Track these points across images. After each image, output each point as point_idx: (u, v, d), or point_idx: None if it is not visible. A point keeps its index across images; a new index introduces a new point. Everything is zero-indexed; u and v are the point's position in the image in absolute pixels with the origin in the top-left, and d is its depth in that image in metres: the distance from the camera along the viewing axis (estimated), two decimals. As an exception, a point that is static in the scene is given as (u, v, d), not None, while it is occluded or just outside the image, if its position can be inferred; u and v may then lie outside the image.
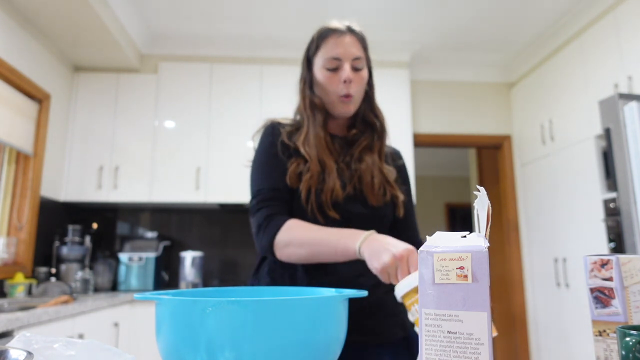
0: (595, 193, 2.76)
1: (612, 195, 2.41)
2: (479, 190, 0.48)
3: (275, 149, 1.10)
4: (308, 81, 1.14)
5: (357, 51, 1.08)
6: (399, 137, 3.40)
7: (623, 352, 0.46)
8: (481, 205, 0.47)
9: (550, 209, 3.31)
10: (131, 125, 3.29)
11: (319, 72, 1.10)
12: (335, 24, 1.11)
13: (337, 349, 0.56)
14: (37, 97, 2.88)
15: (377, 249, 0.82)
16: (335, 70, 1.07)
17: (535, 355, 3.51)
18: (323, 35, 1.09)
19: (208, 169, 3.25)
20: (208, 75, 3.39)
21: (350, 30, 1.10)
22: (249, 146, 3.31)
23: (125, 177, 3.21)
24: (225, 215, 3.55)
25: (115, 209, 3.49)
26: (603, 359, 0.59)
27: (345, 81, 1.06)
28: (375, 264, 0.81)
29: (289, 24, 3.33)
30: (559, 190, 3.19)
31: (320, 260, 0.96)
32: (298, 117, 1.19)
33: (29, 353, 0.40)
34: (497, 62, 3.90)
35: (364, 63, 1.10)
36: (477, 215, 0.47)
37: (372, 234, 0.87)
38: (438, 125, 3.79)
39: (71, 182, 3.19)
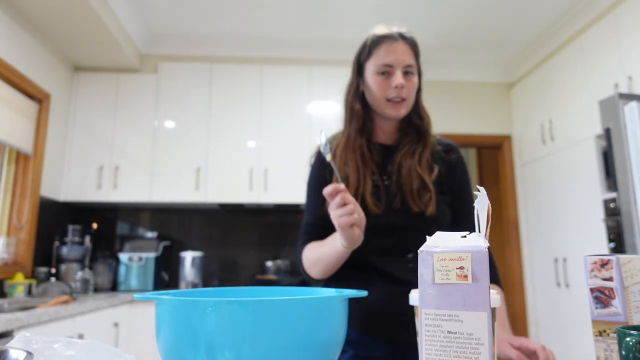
0: (595, 193, 2.76)
1: (612, 195, 2.41)
2: (479, 190, 0.48)
3: (315, 180, 1.16)
4: (355, 86, 1.16)
5: (409, 59, 1.10)
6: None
7: (623, 352, 0.46)
8: (481, 205, 0.47)
9: (550, 209, 3.30)
10: (131, 125, 3.29)
11: (370, 77, 1.12)
12: (387, 29, 1.11)
13: (337, 349, 0.56)
14: (37, 97, 2.88)
15: (336, 223, 0.90)
16: (387, 76, 1.09)
17: (535, 355, 3.50)
18: (376, 42, 1.11)
19: (208, 169, 3.25)
20: (208, 75, 3.39)
21: (402, 37, 1.10)
22: (249, 146, 3.32)
23: (125, 177, 3.21)
24: (225, 215, 3.55)
25: (115, 209, 3.49)
26: (603, 359, 0.59)
27: (396, 87, 1.07)
28: (344, 227, 0.89)
29: (289, 24, 3.33)
30: (559, 190, 3.19)
31: (333, 268, 1.06)
32: (344, 121, 1.19)
33: (29, 353, 0.40)
34: (497, 62, 3.90)
35: (415, 69, 1.11)
36: (477, 215, 0.47)
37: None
38: (438, 125, 3.77)
39: (71, 182, 3.19)
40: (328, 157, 0.98)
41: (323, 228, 1.10)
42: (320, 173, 1.15)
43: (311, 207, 1.15)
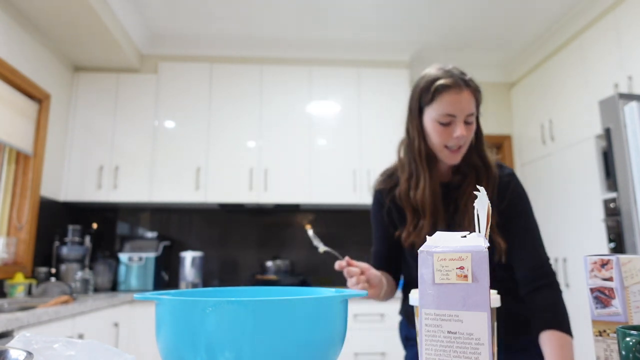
0: (595, 193, 2.76)
1: (612, 195, 2.41)
2: (479, 190, 0.48)
3: (374, 218, 1.27)
4: (418, 129, 1.14)
5: (471, 108, 1.09)
6: (399, 137, 3.40)
7: (623, 352, 0.46)
8: (481, 205, 0.47)
9: (550, 209, 3.30)
10: (131, 125, 3.29)
11: (430, 123, 1.10)
12: (450, 77, 1.08)
13: (337, 349, 0.56)
14: (37, 97, 2.88)
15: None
16: (447, 125, 1.08)
17: (535, 355, 3.51)
18: (439, 89, 1.08)
19: (208, 169, 3.25)
20: (208, 75, 3.39)
21: (467, 85, 1.09)
22: (249, 146, 3.32)
23: (125, 177, 3.21)
24: (225, 215, 3.55)
25: (115, 209, 3.49)
26: (603, 359, 0.59)
27: (457, 137, 1.07)
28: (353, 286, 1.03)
29: (289, 24, 3.33)
30: (559, 190, 3.19)
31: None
32: (410, 168, 1.17)
33: (29, 353, 0.40)
34: (497, 62, 3.90)
35: (474, 117, 1.11)
36: (477, 215, 0.47)
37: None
38: (438, 125, 3.78)
39: (71, 182, 3.19)
40: (321, 249, 1.10)
41: (389, 258, 1.24)
42: (377, 213, 1.26)
43: (377, 238, 1.27)
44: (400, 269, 1.26)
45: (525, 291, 1.09)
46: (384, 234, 1.24)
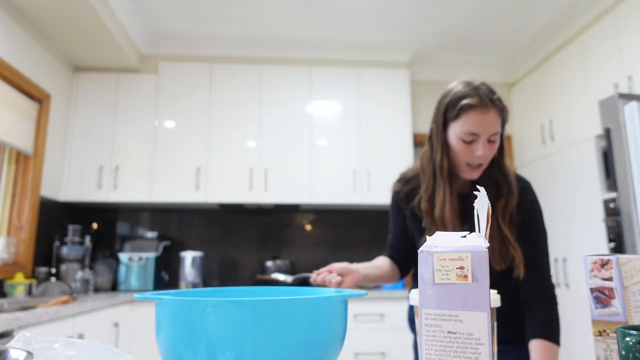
0: (595, 193, 2.75)
1: (612, 195, 2.41)
2: (479, 190, 0.48)
3: (393, 216, 1.32)
4: (442, 144, 1.14)
5: (496, 127, 1.08)
6: (399, 137, 3.40)
7: (623, 352, 0.46)
8: (481, 205, 0.47)
9: (550, 209, 3.30)
10: (131, 125, 3.29)
11: (453, 139, 1.11)
12: (476, 96, 1.07)
13: (337, 349, 0.56)
14: (37, 97, 2.88)
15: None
16: (470, 142, 1.09)
17: (535, 355, 3.50)
18: (465, 107, 1.07)
19: (208, 169, 3.25)
20: (208, 75, 3.39)
21: (493, 104, 1.08)
22: (249, 146, 3.32)
23: (125, 177, 3.21)
24: (225, 215, 3.55)
25: (115, 209, 3.49)
26: (603, 359, 0.59)
27: (478, 156, 1.09)
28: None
29: (289, 24, 3.33)
30: (559, 190, 3.19)
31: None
32: (430, 181, 1.19)
33: (29, 353, 0.40)
34: (497, 62, 3.90)
35: (498, 136, 1.11)
36: (477, 215, 0.47)
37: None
38: (438, 125, 3.78)
39: (71, 182, 3.19)
40: (289, 279, 1.18)
41: (399, 248, 1.31)
42: (395, 212, 1.31)
43: (391, 230, 1.34)
44: (412, 262, 1.32)
45: (525, 300, 1.16)
46: (399, 228, 1.30)
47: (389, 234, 1.35)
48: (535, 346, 1.07)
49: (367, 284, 1.18)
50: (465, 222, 1.16)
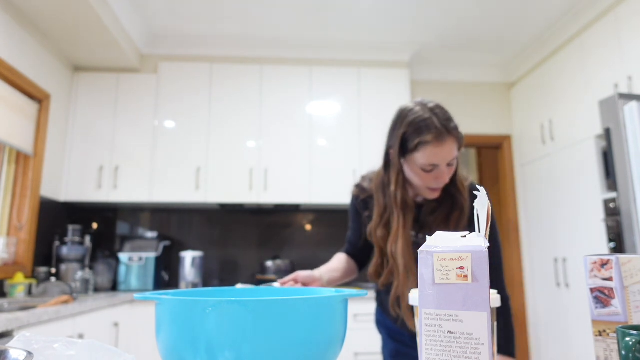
0: (595, 193, 2.76)
1: (612, 195, 2.41)
2: (479, 190, 0.48)
3: (352, 215, 1.40)
4: (398, 174, 1.18)
5: (453, 154, 1.12)
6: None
7: (623, 352, 0.46)
8: (481, 205, 0.47)
9: (551, 209, 3.30)
10: (131, 125, 3.29)
11: (414, 167, 1.14)
12: (434, 129, 1.09)
13: (337, 349, 0.56)
14: (37, 97, 2.88)
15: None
16: (430, 171, 1.12)
17: (535, 355, 3.51)
18: (424, 142, 1.09)
19: (208, 169, 3.25)
20: (208, 75, 3.39)
21: (450, 133, 1.10)
22: (249, 146, 3.32)
23: (125, 177, 3.21)
24: (225, 215, 3.55)
25: (115, 209, 3.49)
26: (603, 359, 0.59)
27: (437, 179, 1.13)
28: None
29: (289, 24, 3.33)
30: (559, 190, 3.19)
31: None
32: (382, 205, 1.25)
33: (29, 353, 0.40)
34: (497, 62, 3.90)
35: (456, 159, 1.15)
36: (477, 215, 0.47)
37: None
38: (438, 125, 3.78)
39: (71, 182, 3.19)
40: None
41: (357, 245, 1.39)
42: (354, 213, 1.39)
43: (352, 230, 1.41)
44: (369, 257, 1.38)
45: None
46: (357, 227, 1.39)
47: (348, 231, 1.43)
48: None
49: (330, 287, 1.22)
50: (420, 230, 1.22)
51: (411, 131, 1.12)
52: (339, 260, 1.35)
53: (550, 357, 3.29)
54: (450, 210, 1.20)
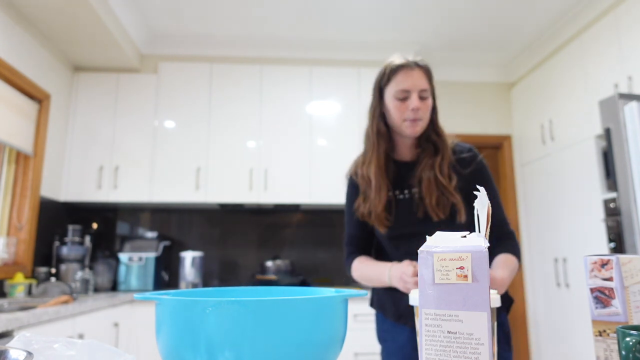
0: (595, 193, 2.76)
1: (612, 195, 2.41)
2: (479, 190, 0.48)
3: (350, 202, 1.38)
4: (378, 109, 1.30)
5: (424, 84, 1.24)
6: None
7: (623, 352, 0.46)
8: (481, 205, 0.47)
9: (550, 209, 3.30)
10: (131, 125, 3.29)
11: (390, 101, 1.26)
12: (403, 59, 1.25)
13: (337, 349, 0.56)
14: (37, 97, 2.88)
15: (396, 277, 1.12)
16: (404, 100, 1.23)
17: (535, 355, 3.51)
18: (394, 70, 1.24)
19: (208, 169, 3.25)
20: (208, 75, 3.39)
21: (417, 65, 1.24)
22: (249, 146, 3.32)
23: (125, 177, 3.21)
24: (225, 215, 3.55)
25: (115, 209, 3.49)
26: (603, 359, 0.59)
27: (412, 109, 1.22)
28: (402, 289, 1.11)
29: (289, 24, 3.33)
30: (559, 190, 3.19)
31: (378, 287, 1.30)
32: (366, 144, 1.34)
33: (29, 353, 0.40)
34: (497, 62, 3.90)
35: (429, 93, 1.25)
36: (477, 215, 0.47)
37: (392, 267, 1.16)
38: (438, 125, 3.78)
39: (71, 182, 3.19)
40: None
41: (363, 239, 1.36)
42: (352, 197, 1.37)
43: (351, 222, 1.37)
44: (372, 247, 1.39)
45: (492, 239, 1.24)
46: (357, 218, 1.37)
47: (346, 231, 1.39)
48: (498, 257, 1.20)
49: None
50: (399, 188, 1.29)
51: (385, 69, 1.27)
52: (368, 262, 1.32)
53: (550, 357, 3.29)
54: (432, 155, 1.27)
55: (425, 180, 1.24)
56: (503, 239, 1.25)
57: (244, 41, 3.52)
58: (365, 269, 1.29)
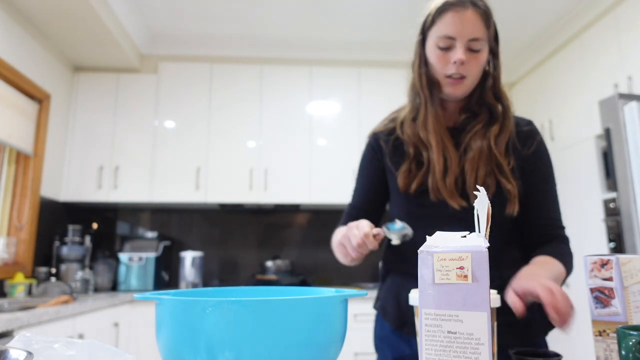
0: (595, 193, 2.76)
1: (612, 195, 2.41)
2: (479, 190, 0.48)
3: (366, 164, 1.12)
4: (423, 58, 1.03)
5: (475, 31, 0.95)
6: (399, 137, 3.40)
7: (623, 352, 0.46)
8: (481, 205, 0.47)
9: (550, 209, 3.30)
10: (131, 125, 3.29)
11: (430, 49, 1.00)
12: None
13: (338, 349, 0.56)
14: (37, 97, 2.88)
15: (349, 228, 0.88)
16: (448, 49, 0.96)
17: (535, 355, 3.50)
18: (441, 9, 0.97)
19: (208, 169, 3.25)
20: (208, 75, 3.39)
21: (473, 4, 0.96)
22: (249, 146, 3.32)
23: (125, 177, 3.21)
24: (225, 215, 3.55)
25: (115, 209, 3.49)
26: (603, 359, 0.59)
27: (455, 62, 0.95)
28: (341, 238, 0.90)
29: (289, 24, 3.33)
30: (559, 190, 3.19)
31: (347, 257, 0.97)
32: (414, 100, 1.07)
33: (29, 353, 0.40)
34: (497, 62, 3.90)
35: (483, 44, 0.98)
36: (477, 215, 0.47)
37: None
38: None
39: (71, 182, 3.19)
40: (395, 241, 0.89)
41: (366, 212, 1.10)
42: (373, 158, 1.10)
43: (359, 190, 1.13)
44: (379, 216, 1.14)
45: (538, 241, 1.01)
46: (369, 184, 1.12)
47: (352, 197, 1.16)
48: (539, 257, 0.95)
49: None
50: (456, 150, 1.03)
51: (434, 8, 1.00)
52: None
53: (550, 357, 3.28)
54: (487, 123, 1.01)
55: (476, 150, 0.97)
56: (553, 242, 1.00)
57: (244, 41, 3.52)
58: (337, 234, 1.05)
